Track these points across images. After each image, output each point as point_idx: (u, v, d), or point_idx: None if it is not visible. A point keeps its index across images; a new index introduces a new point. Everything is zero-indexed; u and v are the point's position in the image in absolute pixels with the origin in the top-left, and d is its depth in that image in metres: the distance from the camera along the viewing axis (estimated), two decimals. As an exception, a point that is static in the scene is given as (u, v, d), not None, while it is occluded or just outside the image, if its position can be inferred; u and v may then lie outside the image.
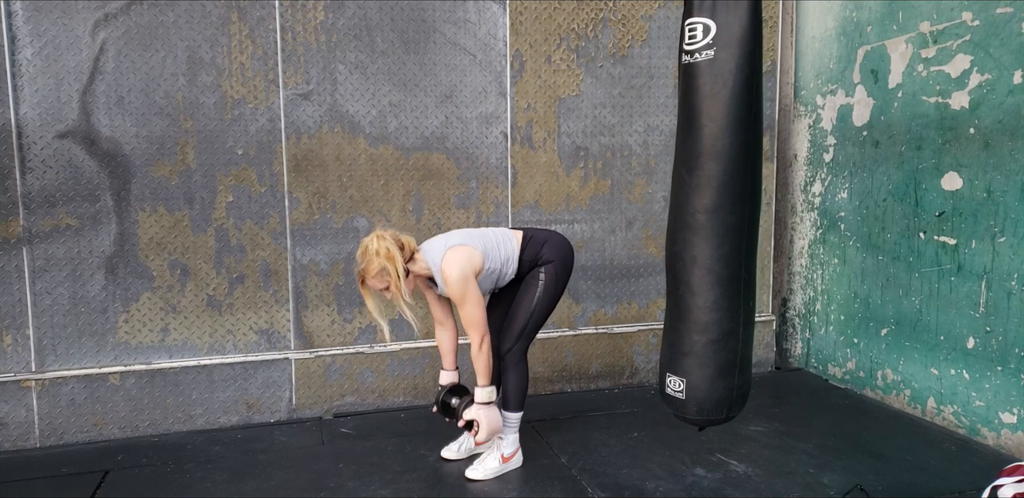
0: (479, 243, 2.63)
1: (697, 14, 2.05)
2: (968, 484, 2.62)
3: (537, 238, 2.74)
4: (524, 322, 2.70)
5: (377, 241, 2.51)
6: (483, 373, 2.63)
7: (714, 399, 2.15)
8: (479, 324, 2.59)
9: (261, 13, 3.21)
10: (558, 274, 2.72)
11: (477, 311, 2.58)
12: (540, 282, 2.70)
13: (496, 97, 3.55)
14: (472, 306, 2.56)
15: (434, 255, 2.59)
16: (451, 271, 2.53)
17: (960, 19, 3.06)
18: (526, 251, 2.71)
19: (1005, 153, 2.89)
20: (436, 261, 2.58)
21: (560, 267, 2.73)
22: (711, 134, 2.05)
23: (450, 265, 2.54)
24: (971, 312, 3.06)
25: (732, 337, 2.13)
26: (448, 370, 2.84)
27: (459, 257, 2.55)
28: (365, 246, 2.53)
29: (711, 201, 2.07)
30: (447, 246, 2.59)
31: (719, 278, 2.10)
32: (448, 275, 2.53)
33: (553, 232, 2.80)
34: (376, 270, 2.51)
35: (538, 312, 2.71)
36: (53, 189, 3.04)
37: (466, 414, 2.66)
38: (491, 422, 2.64)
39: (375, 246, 2.50)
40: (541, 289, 2.70)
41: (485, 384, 2.64)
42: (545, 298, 2.71)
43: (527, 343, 2.74)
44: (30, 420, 3.08)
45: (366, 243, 2.54)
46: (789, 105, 4.10)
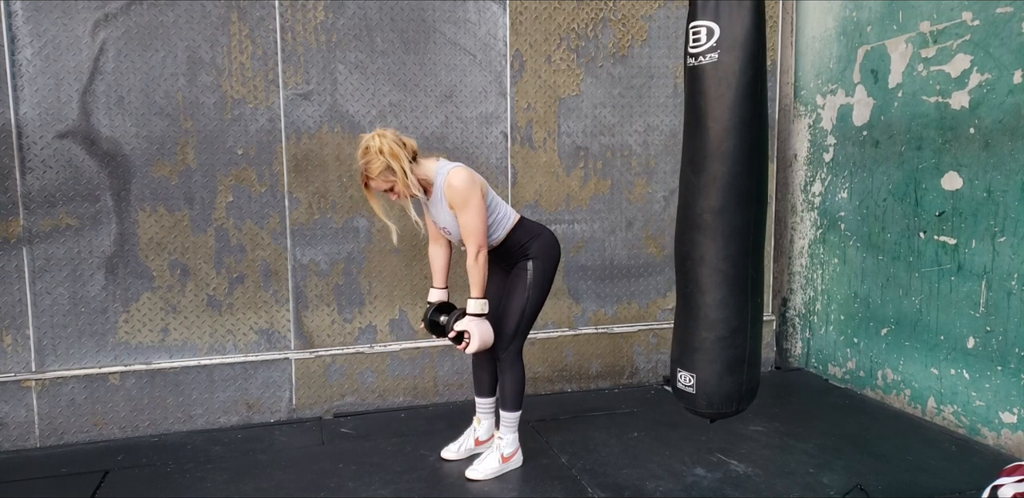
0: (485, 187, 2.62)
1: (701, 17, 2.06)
2: (968, 484, 2.62)
3: (531, 228, 2.73)
4: (516, 323, 2.69)
5: (379, 139, 2.43)
6: (477, 284, 2.58)
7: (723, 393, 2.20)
8: (478, 233, 2.53)
9: (261, 13, 3.21)
10: (546, 272, 2.71)
11: (477, 219, 2.52)
12: (528, 281, 2.68)
13: (496, 97, 3.55)
14: (473, 213, 2.51)
15: (441, 165, 2.56)
16: (459, 176, 2.49)
17: (960, 19, 3.06)
18: (516, 231, 2.68)
19: (1005, 153, 2.89)
20: (444, 169, 2.53)
21: (547, 265, 2.71)
22: (717, 136, 2.07)
23: (459, 172, 2.51)
24: (971, 312, 3.06)
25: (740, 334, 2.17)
26: (438, 288, 2.81)
27: (465, 172, 2.53)
28: (366, 145, 2.45)
29: (717, 202, 2.10)
30: (458, 164, 2.57)
31: (726, 277, 2.14)
32: (455, 179, 2.48)
33: (546, 228, 2.78)
34: (379, 169, 2.44)
35: (528, 312, 2.69)
36: (53, 189, 3.04)
37: (457, 325, 2.60)
38: (482, 333, 2.58)
39: (377, 144, 2.43)
40: (530, 288, 2.68)
41: (478, 296, 2.59)
42: (534, 297, 2.69)
43: (521, 342, 2.73)
44: (30, 420, 3.08)
45: (367, 141, 2.45)
46: (789, 105, 4.10)
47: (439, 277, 2.82)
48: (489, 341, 2.62)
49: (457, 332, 2.60)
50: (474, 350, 2.59)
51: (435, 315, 2.71)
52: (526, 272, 2.69)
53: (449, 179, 2.50)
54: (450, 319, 2.64)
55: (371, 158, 2.44)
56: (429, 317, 2.73)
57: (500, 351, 2.71)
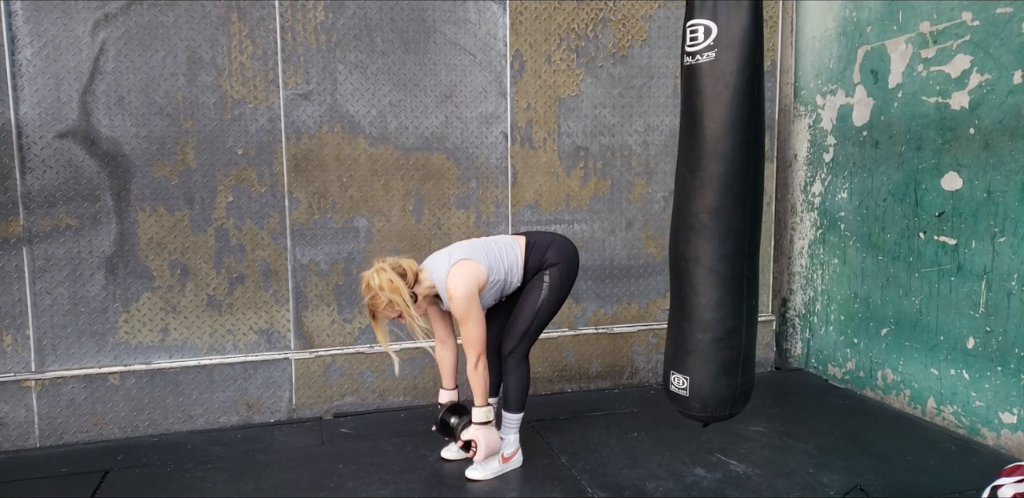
0: (482, 256, 2.62)
1: (698, 16, 2.05)
2: (968, 484, 2.62)
3: (540, 243, 2.74)
4: (528, 324, 2.70)
5: (377, 275, 2.50)
6: (479, 393, 2.64)
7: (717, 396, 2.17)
8: (478, 343, 2.59)
9: (261, 13, 3.21)
10: (563, 276, 2.72)
11: (477, 330, 2.57)
12: (544, 284, 2.70)
13: (496, 97, 3.54)
14: (473, 325, 2.56)
15: (439, 273, 2.59)
16: (456, 289, 2.53)
17: (960, 19, 3.06)
18: (531, 258, 2.71)
19: (1005, 153, 2.89)
20: (441, 278, 2.58)
21: (565, 269, 2.73)
22: (713, 135, 2.06)
23: (455, 282, 2.54)
24: (971, 312, 3.06)
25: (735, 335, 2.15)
26: (448, 389, 2.85)
27: (464, 273, 2.56)
28: (367, 282, 2.53)
29: (713, 202, 2.08)
30: (451, 262, 2.58)
31: (722, 277, 2.12)
32: (452, 293, 2.54)
33: (556, 235, 2.80)
34: (384, 304, 2.51)
35: (542, 314, 2.71)
36: (53, 189, 3.04)
37: (464, 435, 2.67)
38: (488, 442, 2.65)
39: (377, 281, 2.50)
40: (546, 291, 2.70)
41: (482, 404, 2.65)
42: (549, 300, 2.71)
43: (529, 345, 2.75)
44: (30, 420, 3.08)
45: (367, 279, 2.53)
46: (789, 105, 4.10)
47: (448, 378, 2.85)
48: (496, 449, 2.68)
49: (464, 441, 2.67)
50: (481, 458, 2.65)
51: (446, 416, 2.77)
52: (544, 277, 2.72)
53: (450, 293, 2.55)
54: (458, 426, 2.71)
55: (374, 295, 2.51)
56: (440, 418, 2.78)
57: (507, 352, 2.72)
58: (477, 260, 2.60)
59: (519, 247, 2.71)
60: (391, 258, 2.59)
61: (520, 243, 2.73)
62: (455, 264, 2.57)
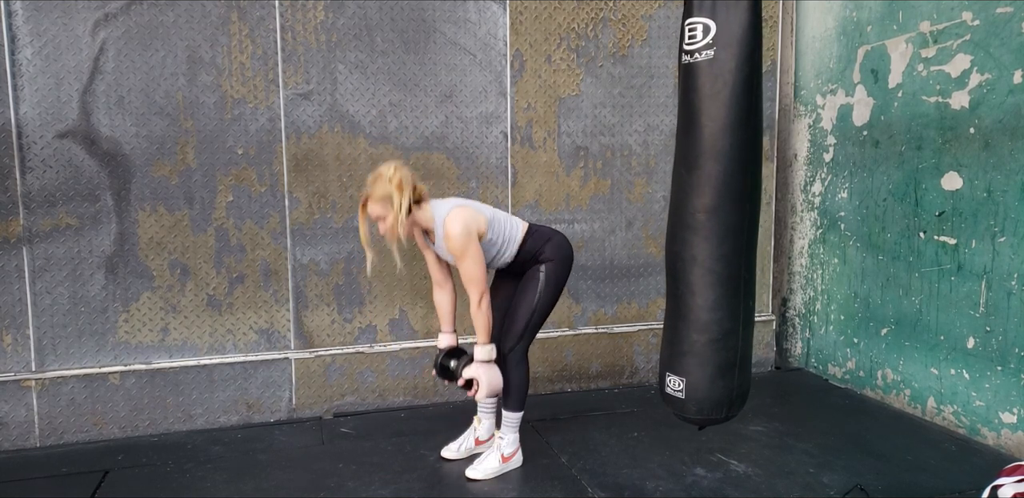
0: (488, 212, 2.65)
1: (697, 14, 2.05)
2: (968, 484, 2.62)
3: (541, 233, 2.74)
4: (525, 322, 2.70)
5: (394, 169, 2.50)
6: (483, 331, 2.60)
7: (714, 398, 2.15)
8: (478, 281, 2.55)
9: (261, 13, 3.21)
10: (558, 273, 2.72)
11: (477, 267, 2.55)
12: (540, 282, 2.70)
13: (496, 97, 3.54)
14: (472, 262, 2.54)
15: (440, 209, 2.58)
16: (454, 225, 2.52)
17: (960, 19, 3.06)
18: (527, 242, 2.70)
19: (1005, 153, 2.89)
20: (441, 213, 2.56)
21: (560, 267, 2.73)
22: (711, 134, 2.05)
23: (454, 219, 2.53)
24: (971, 312, 3.06)
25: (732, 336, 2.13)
26: (446, 333, 2.82)
27: (465, 215, 2.55)
28: (380, 172, 2.52)
29: (711, 201, 2.07)
30: (454, 204, 2.59)
31: (719, 278, 2.10)
32: (451, 229, 2.51)
33: (557, 232, 2.79)
34: (381, 195, 2.49)
35: (539, 311, 2.71)
36: (53, 189, 3.04)
37: (465, 372, 2.63)
38: (491, 380, 2.61)
39: (390, 172, 2.49)
40: (541, 288, 2.69)
41: (485, 342, 2.61)
42: (545, 297, 2.70)
43: (528, 343, 2.74)
44: (30, 420, 3.08)
45: (381, 169, 2.52)
46: (789, 105, 4.10)
47: (446, 322, 2.83)
48: (498, 387, 2.65)
49: (466, 379, 2.64)
50: (483, 396, 2.63)
51: (445, 360, 2.74)
52: (539, 274, 2.71)
53: (447, 229, 2.53)
54: (459, 365, 2.67)
55: (380, 183, 2.50)
56: (439, 362, 2.75)
57: (506, 350, 2.72)
58: (480, 211, 2.62)
59: (521, 228, 2.72)
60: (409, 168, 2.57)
61: (523, 226, 2.74)
62: (457, 206, 2.58)
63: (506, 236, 2.67)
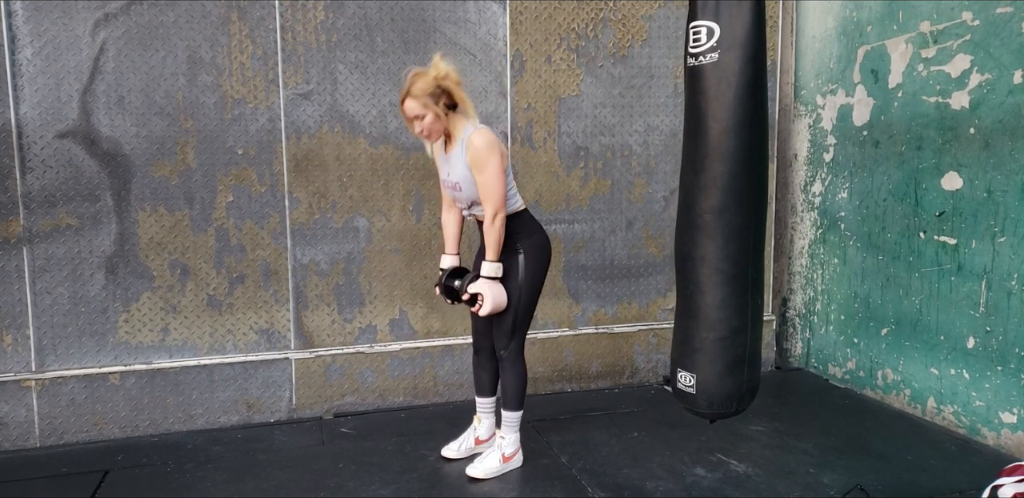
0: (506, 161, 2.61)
1: (701, 17, 2.06)
2: (968, 484, 2.62)
3: (530, 223, 2.70)
4: (512, 319, 2.66)
5: (445, 68, 2.45)
6: (493, 247, 2.57)
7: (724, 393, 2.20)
8: (497, 195, 2.52)
9: (261, 13, 3.21)
10: (535, 267, 2.68)
11: (497, 181, 2.51)
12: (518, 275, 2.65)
13: (496, 97, 3.54)
14: (492, 174, 2.50)
15: (468, 125, 2.55)
16: (484, 136, 2.49)
17: (960, 19, 3.06)
18: (516, 219, 2.66)
19: (1005, 153, 2.89)
20: (469, 129, 2.53)
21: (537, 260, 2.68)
22: (717, 136, 2.07)
23: (484, 132, 2.51)
24: (971, 312, 3.06)
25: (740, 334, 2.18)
26: (450, 254, 2.81)
27: (492, 135, 2.54)
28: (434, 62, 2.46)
29: (718, 201, 2.10)
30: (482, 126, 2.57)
31: (727, 277, 2.14)
32: (478, 139, 2.48)
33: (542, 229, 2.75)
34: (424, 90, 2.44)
35: (523, 307, 2.67)
36: (53, 189, 3.04)
37: (470, 288, 2.60)
38: (496, 296, 2.58)
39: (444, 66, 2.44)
40: (521, 281, 2.65)
41: (493, 259, 2.58)
42: (526, 293, 2.66)
43: (521, 341, 2.72)
44: (30, 420, 3.08)
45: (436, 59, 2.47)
46: (789, 105, 4.10)
47: (451, 243, 2.81)
48: (502, 304, 2.61)
49: (471, 295, 2.60)
50: (487, 312, 2.59)
51: (449, 280, 2.71)
52: (516, 267, 2.66)
53: (472, 138, 2.49)
54: (464, 282, 2.64)
55: (425, 76, 2.45)
56: (443, 282, 2.72)
57: (500, 349, 2.71)
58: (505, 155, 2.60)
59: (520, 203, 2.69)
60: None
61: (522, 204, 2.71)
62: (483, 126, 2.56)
63: (511, 193, 2.64)
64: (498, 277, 2.60)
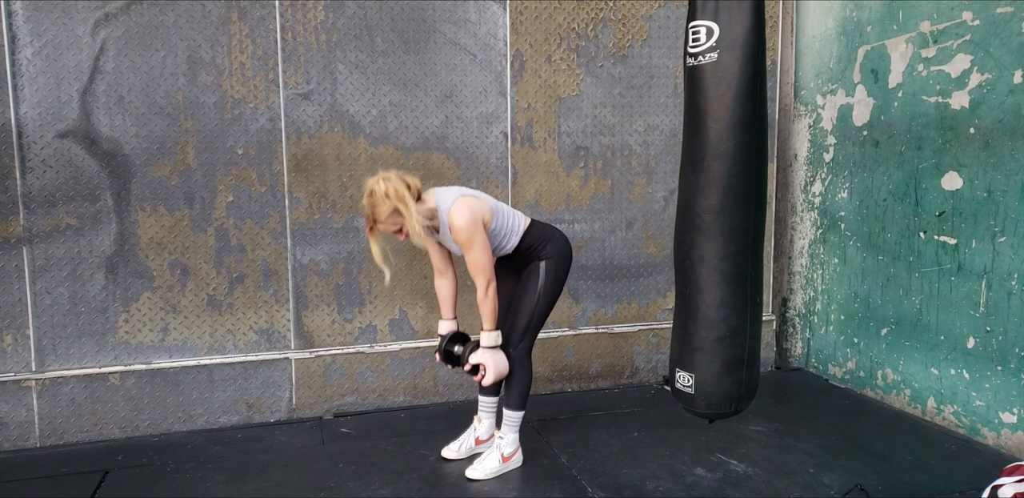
0: (491, 201, 2.65)
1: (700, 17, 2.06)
2: (968, 484, 2.62)
3: (542, 230, 2.75)
4: (527, 320, 2.70)
5: (383, 182, 2.45)
6: (489, 318, 2.60)
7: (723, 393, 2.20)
8: (486, 269, 2.55)
9: (261, 13, 3.21)
10: (558, 272, 2.73)
11: (484, 256, 2.54)
12: (539, 281, 2.70)
13: (496, 97, 3.54)
14: (479, 251, 2.53)
15: (444, 199, 2.56)
16: (460, 214, 2.50)
17: (960, 19, 3.06)
18: (528, 235, 2.70)
19: (1005, 153, 2.89)
20: (446, 204, 2.54)
21: (559, 266, 2.73)
22: (716, 135, 2.07)
23: (460, 209, 2.51)
24: (971, 312, 3.06)
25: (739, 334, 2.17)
26: (447, 319, 2.82)
27: (470, 204, 2.54)
28: (371, 189, 2.47)
29: (717, 201, 2.10)
30: (459, 194, 2.58)
31: (726, 277, 2.14)
32: (456, 219, 2.50)
33: (557, 230, 2.80)
34: (387, 213, 2.46)
35: (539, 311, 2.72)
36: (53, 189, 3.04)
37: (472, 358, 2.63)
38: (498, 365, 2.61)
39: (382, 188, 2.44)
40: (541, 287, 2.70)
41: (491, 328, 2.61)
42: (545, 297, 2.71)
43: (531, 342, 2.74)
44: (30, 420, 3.08)
45: (371, 185, 2.47)
46: (789, 105, 4.10)
47: (447, 308, 2.83)
48: (504, 372, 2.66)
49: (472, 365, 2.64)
50: (491, 381, 2.63)
51: (450, 345, 2.74)
52: (539, 272, 2.71)
53: (451, 219, 2.52)
54: (465, 351, 2.68)
55: (377, 201, 2.46)
56: (444, 348, 2.76)
57: (510, 348, 2.72)
58: (484, 200, 2.61)
59: (524, 222, 2.73)
60: (395, 170, 2.54)
61: (526, 220, 2.75)
62: (461, 196, 2.56)
63: (509, 228, 2.67)
64: (498, 345, 2.64)
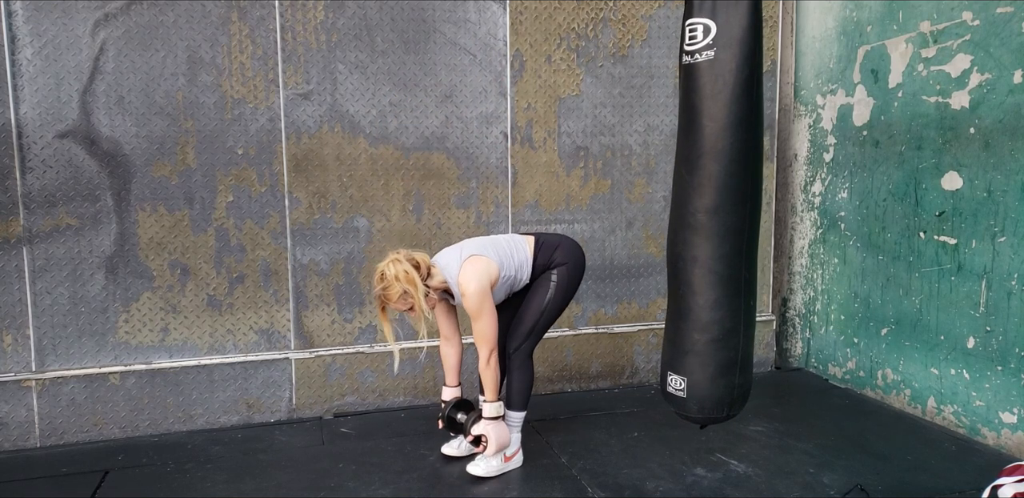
0: (493, 253, 2.64)
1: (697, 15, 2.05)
2: (968, 484, 2.62)
3: (549, 243, 2.76)
4: (533, 322, 2.71)
5: (394, 266, 2.51)
6: (491, 388, 2.65)
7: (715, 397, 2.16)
8: (490, 339, 2.60)
9: (261, 13, 3.21)
10: (570, 276, 2.74)
11: (490, 326, 2.58)
12: (552, 283, 2.71)
13: (496, 97, 3.54)
14: (486, 321, 2.57)
15: (451, 269, 2.60)
16: (469, 284, 2.54)
17: (960, 19, 3.06)
18: (539, 256, 2.73)
19: (1005, 153, 2.89)
20: (453, 274, 2.59)
21: (572, 270, 2.74)
22: (712, 134, 2.06)
23: (468, 278, 2.55)
24: (971, 312, 3.06)
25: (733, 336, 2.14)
26: (451, 386, 2.86)
27: (477, 268, 2.57)
28: (382, 272, 2.53)
29: (712, 201, 2.08)
30: (463, 258, 2.60)
31: (720, 278, 2.11)
32: (466, 288, 2.55)
33: (565, 237, 2.82)
34: (398, 295, 2.51)
35: (548, 313, 2.72)
36: (53, 189, 3.04)
37: (474, 429, 2.68)
38: (500, 437, 2.65)
39: (393, 271, 2.50)
40: (552, 290, 2.71)
41: (493, 399, 2.66)
42: (556, 299, 2.72)
43: (534, 343, 2.75)
44: (30, 420, 3.08)
45: (382, 269, 2.53)
46: (789, 105, 4.10)
47: (452, 376, 2.87)
48: (506, 443, 2.68)
49: (475, 436, 2.67)
50: (492, 453, 2.65)
51: (453, 412, 2.78)
52: (552, 278, 2.73)
53: (463, 288, 2.56)
54: (467, 421, 2.71)
55: (388, 285, 2.51)
56: (447, 414, 2.78)
57: (511, 349, 2.72)
58: (489, 256, 2.62)
59: (528, 246, 2.73)
60: (404, 250, 2.60)
61: (529, 242, 2.75)
62: (467, 260, 2.59)
63: (517, 265, 2.69)
64: (500, 416, 2.67)
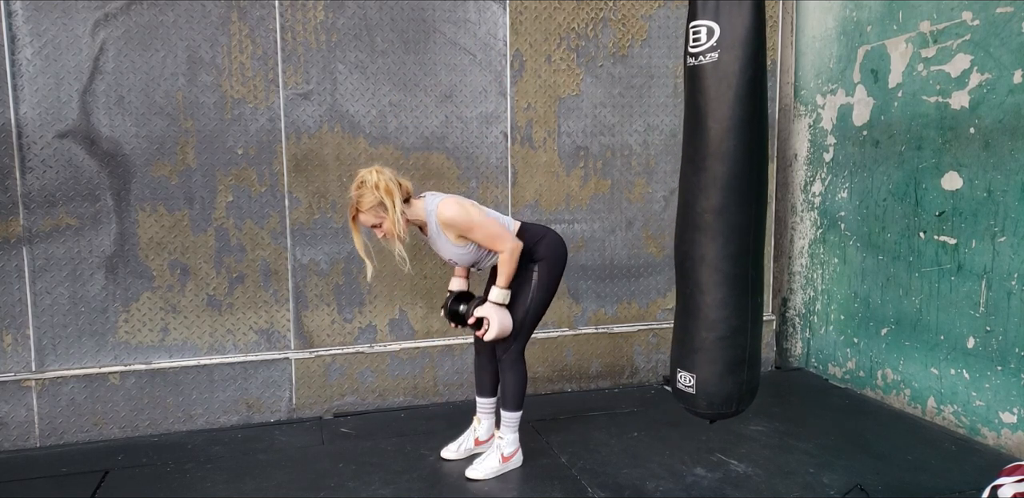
0: (479, 207, 2.65)
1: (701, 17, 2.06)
2: (968, 484, 2.62)
3: (533, 232, 2.73)
4: (519, 322, 2.69)
5: (376, 174, 2.45)
6: (505, 275, 2.60)
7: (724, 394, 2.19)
8: (502, 237, 2.55)
9: (261, 13, 3.21)
10: (551, 273, 2.71)
11: (491, 228, 2.54)
12: (533, 281, 2.69)
13: (496, 97, 3.54)
14: (482, 225, 2.53)
15: (430, 201, 2.59)
16: (447, 209, 2.51)
17: (960, 19, 3.06)
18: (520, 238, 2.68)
19: (1005, 153, 2.89)
20: (432, 206, 2.56)
21: (553, 265, 2.72)
22: (717, 135, 2.07)
23: (446, 206, 2.53)
24: (971, 312, 3.06)
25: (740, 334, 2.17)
26: (459, 277, 2.83)
27: (455, 200, 2.57)
28: (362, 178, 2.47)
29: (718, 201, 2.10)
30: (445, 197, 2.60)
31: (726, 277, 2.13)
32: (444, 214, 2.51)
33: (550, 230, 2.78)
34: (371, 204, 2.46)
35: (533, 311, 2.70)
36: (53, 189, 3.04)
37: (477, 311, 2.63)
38: (502, 320, 2.61)
39: (373, 178, 2.45)
40: (535, 287, 2.69)
41: (504, 286, 2.61)
42: (539, 297, 2.70)
43: (523, 343, 2.74)
44: (30, 420, 3.08)
45: (363, 175, 2.47)
46: (789, 105, 4.10)
47: (461, 268, 2.83)
48: (508, 329, 2.64)
49: (476, 318, 2.63)
50: (492, 337, 2.61)
51: (455, 304, 2.74)
52: (532, 274, 2.70)
53: (440, 216, 2.52)
54: (470, 306, 2.67)
55: (364, 191, 2.46)
56: (449, 306, 2.75)
57: (501, 351, 2.71)
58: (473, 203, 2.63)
59: (514, 226, 2.72)
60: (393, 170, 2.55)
61: (516, 224, 2.74)
62: (449, 196, 2.60)
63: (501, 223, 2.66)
64: (505, 303, 2.63)
